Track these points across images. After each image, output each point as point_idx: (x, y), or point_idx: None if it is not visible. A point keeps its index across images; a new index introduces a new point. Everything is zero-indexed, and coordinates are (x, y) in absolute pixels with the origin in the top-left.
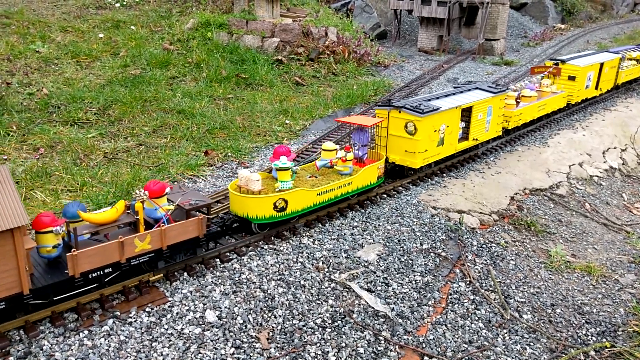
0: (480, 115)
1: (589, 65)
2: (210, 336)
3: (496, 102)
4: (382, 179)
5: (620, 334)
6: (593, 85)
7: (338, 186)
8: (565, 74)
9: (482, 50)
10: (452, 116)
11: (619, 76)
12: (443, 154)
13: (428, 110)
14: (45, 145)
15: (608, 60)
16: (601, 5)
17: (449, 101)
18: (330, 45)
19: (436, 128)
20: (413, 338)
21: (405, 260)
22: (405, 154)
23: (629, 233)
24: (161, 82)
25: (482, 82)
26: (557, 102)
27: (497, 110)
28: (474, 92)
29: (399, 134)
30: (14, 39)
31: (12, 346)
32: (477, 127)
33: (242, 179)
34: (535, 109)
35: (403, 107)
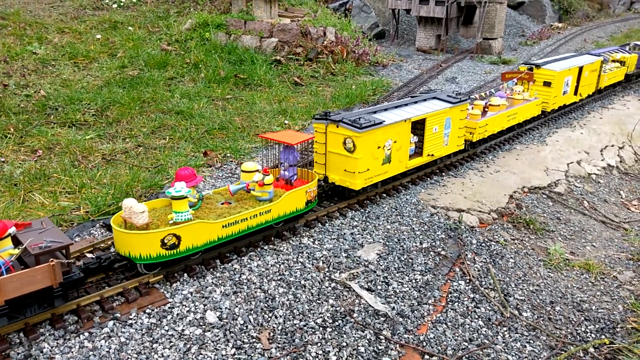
0: (435, 128)
1: (566, 69)
2: (211, 337)
3: (456, 113)
4: (313, 203)
5: (619, 331)
6: (572, 91)
7: (252, 215)
8: (540, 80)
9: (480, 49)
10: (401, 130)
11: (601, 80)
12: (391, 172)
13: (368, 125)
14: (43, 147)
15: (588, 64)
16: (598, 4)
17: (398, 113)
18: (328, 45)
19: (380, 144)
20: (413, 337)
21: (405, 259)
22: (344, 174)
23: (627, 230)
24: (159, 83)
25: (441, 92)
26: (530, 111)
27: (458, 121)
28: (430, 102)
29: (338, 151)
30: (11, 40)
31: (12, 349)
32: (432, 141)
33: (126, 210)
34: (504, 119)
35: (340, 121)
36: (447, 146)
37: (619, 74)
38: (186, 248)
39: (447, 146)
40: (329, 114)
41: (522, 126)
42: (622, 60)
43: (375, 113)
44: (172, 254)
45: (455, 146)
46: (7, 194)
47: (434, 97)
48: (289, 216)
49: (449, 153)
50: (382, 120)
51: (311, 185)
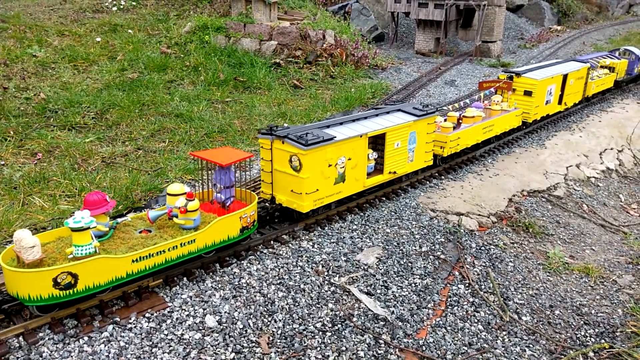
0: (397, 144)
1: (549, 77)
2: (210, 341)
3: (421, 126)
4: (251, 229)
5: (618, 335)
6: (555, 100)
7: (171, 247)
8: (521, 89)
9: (479, 52)
10: (356, 146)
11: (588, 88)
12: (345, 192)
13: (315, 141)
14: (43, 150)
15: (573, 71)
16: (596, 6)
17: (354, 128)
18: (328, 48)
19: (331, 162)
20: (413, 341)
21: (404, 263)
22: (292, 195)
23: (626, 234)
24: (159, 86)
25: (407, 104)
26: (509, 122)
27: (424, 136)
28: (393, 115)
29: (284, 170)
30: (11, 43)
31: (12, 353)
32: (394, 157)
33: (16, 243)
34: (478, 131)
35: (286, 136)
36: (412, 162)
37: (608, 81)
38: (86, 287)
39: (412, 162)
40: (275, 129)
41: (501, 138)
42: (611, 66)
43: (329, 128)
44: (67, 294)
45: (422, 162)
46: (6, 197)
47: (398, 110)
48: (219, 245)
49: (415, 170)
50: (333, 136)
51: (248, 209)
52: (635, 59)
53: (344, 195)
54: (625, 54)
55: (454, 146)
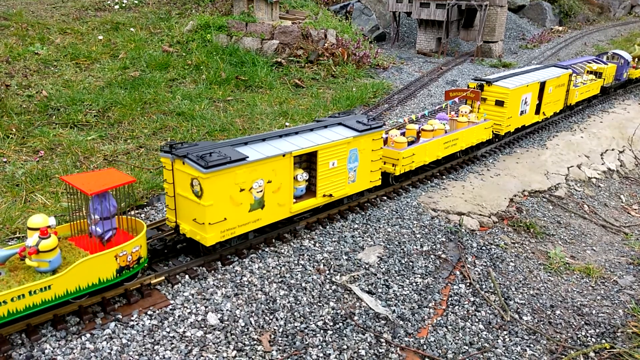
0: (333, 163)
1: (523, 86)
2: (212, 339)
3: (364, 142)
4: (135, 268)
5: (619, 335)
6: (532, 110)
7: (16, 296)
8: (492, 98)
9: (481, 52)
10: (278, 167)
11: (570, 95)
12: (266, 219)
13: (219, 163)
14: (45, 147)
15: (552, 78)
16: (598, 7)
17: (277, 145)
18: (329, 48)
19: (244, 186)
20: (414, 340)
21: (405, 262)
22: (195, 225)
23: (627, 234)
24: (161, 84)
25: (352, 117)
26: (477, 135)
27: (369, 153)
28: (331, 129)
29: (186, 195)
30: (13, 40)
31: (14, 350)
32: (330, 178)
33: None
34: (439, 147)
35: (186, 156)
36: (354, 183)
37: (594, 88)
38: None
39: (354, 183)
40: (176, 146)
41: (468, 153)
42: (598, 71)
43: (246, 145)
44: None
45: (367, 182)
46: (9, 194)
47: (339, 124)
48: (86, 291)
49: (359, 191)
50: (245, 156)
51: (128, 245)
52: (624, 63)
53: (264, 224)
54: (614, 58)
55: (407, 163)
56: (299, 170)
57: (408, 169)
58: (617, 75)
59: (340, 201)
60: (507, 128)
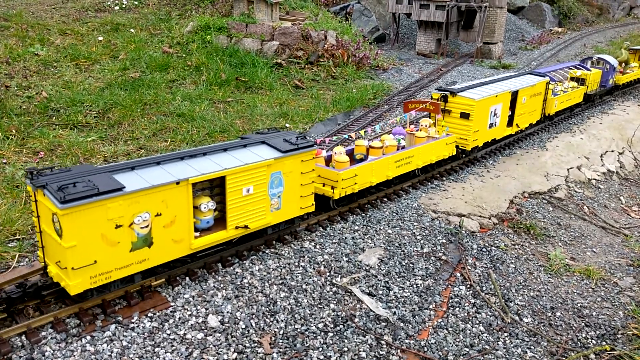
0: (248, 189)
1: (491, 96)
2: (212, 341)
3: (291, 164)
4: None
5: (619, 337)
6: (503, 122)
7: None
8: (457, 110)
9: (480, 53)
10: (171, 197)
11: (548, 105)
12: (155, 259)
13: (81, 196)
14: (45, 148)
15: (526, 87)
16: (597, 9)
17: (172, 170)
18: (329, 49)
19: (121, 222)
20: (415, 342)
21: (406, 264)
22: (59, 267)
23: (627, 236)
24: (161, 86)
25: (280, 134)
26: (437, 151)
27: (297, 176)
28: (250, 149)
29: (50, 232)
30: (13, 41)
31: (14, 352)
32: (244, 207)
33: None
34: (389, 166)
35: (45, 186)
36: (279, 211)
37: (576, 96)
38: None
39: (279, 211)
40: (41, 172)
41: (428, 171)
42: (581, 77)
43: (133, 170)
44: None
45: (296, 209)
46: (8, 195)
47: (262, 142)
48: None
49: (287, 219)
50: (120, 186)
51: None
52: (610, 69)
53: (153, 264)
54: (599, 64)
55: (348, 186)
56: (204, 199)
57: (350, 191)
58: (602, 82)
59: (264, 232)
60: (473, 143)
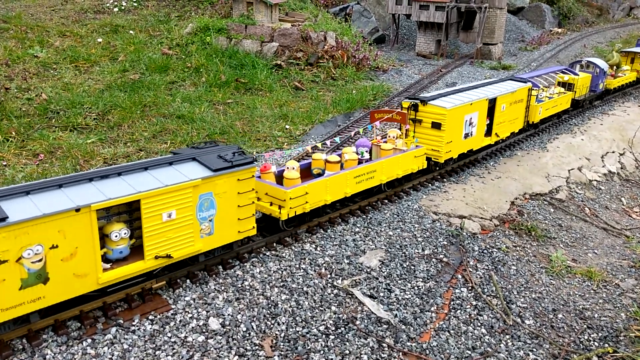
0: (169, 214)
1: (465, 104)
2: (213, 344)
3: (225, 184)
4: None
5: (622, 339)
6: (480, 132)
7: None
8: (428, 120)
9: (480, 54)
10: (69, 226)
11: (532, 112)
12: (53, 297)
13: None
14: (45, 150)
15: (505, 94)
16: (597, 9)
17: (74, 194)
18: (329, 50)
19: (7, 256)
20: (416, 345)
21: (407, 266)
22: None
23: (628, 237)
24: (160, 87)
25: (217, 148)
26: (404, 164)
27: (234, 197)
28: (176, 167)
29: None
30: (12, 43)
31: (15, 355)
32: (166, 234)
33: None
34: (346, 181)
35: None
36: (211, 236)
37: (563, 102)
38: None
39: (211, 236)
40: None
41: (393, 186)
42: (569, 82)
43: (28, 195)
44: None
45: (234, 233)
46: None
47: (192, 159)
48: None
49: (222, 244)
50: (2, 217)
51: None
52: (600, 73)
53: (51, 303)
54: (588, 67)
55: (298, 205)
56: (117, 226)
57: (300, 211)
58: (592, 86)
59: (195, 259)
60: (446, 155)
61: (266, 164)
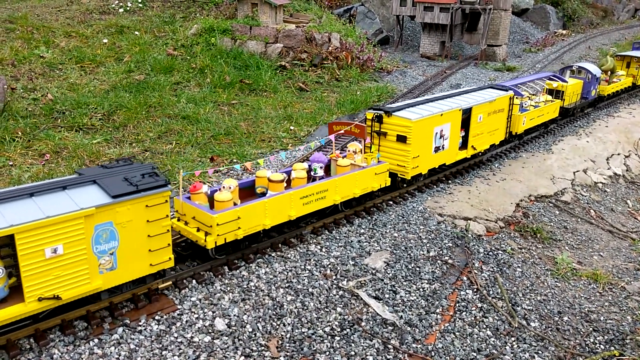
0: (55, 250)
1: (434, 115)
2: (219, 344)
3: (130, 212)
4: None
5: (628, 342)
6: (454, 145)
7: None
8: (393, 132)
9: (485, 56)
10: None
11: (514, 122)
12: None
13: None
14: (51, 151)
15: (482, 103)
16: (602, 11)
17: None
18: (333, 51)
19: None
20: (422, 346)
21: (412, 268)
22: None
23: (634, 240)
24: (165, 88)
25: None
26: (362, 183)
27: (143, 226)
28: (68, 193)
29: None
30: (18, 44)
31: (23, 355)
32: (53, 273)
33: None
34: (290, 203)
35: None
36: (115, 271)
37: (550, 111)
38: None
39: (115, 271)
40: None
41: (351, 206)
42: (558, 89)
43: None
44: None
45: (144, 267)
46: None
47: (93, 182)
48: None
49: (126, 281)
50: None
51: None
52: (592, 79)
53: None
54: (580, 73)
55: (229, 231)
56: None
57: (232, 237)
58: (583, 94)
59: (97, 297)
60: (414, 170)
61: (196, 183)
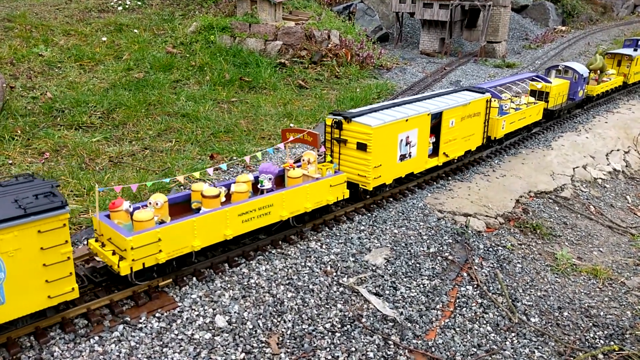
0: None
1: (398, 121)
2: (220, 341)
3: (17, 239)
4: None
5: (627, 337)
6: (423, 152)
7: None
8: (353, 140)
9: (484, 52)
10: None
11: (493, 127)
12: None
13: None
14: (50, 149)
15: (454, 107)
16: (601, 7)
17: None
18: (332, 48)
19: None
20: (422, 342)
21: (412, 264)
22: None
23: (634, 235)
24: (165, 86)
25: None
26: (315, 196)
27: (35, 254)
28: None
29: None
30: (17, 42)
31: (23, 352)
32: None
33: None
34: (226, 220)
35: None
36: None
37: (533, 113)
38: None
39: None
40: None
41: (303, 221)
42: (543, 90)
43: None
44: None
45: (41, 300)
46: None
47: None
48: None
49: (17, 317)
50: None
51: None
52: (579, 79)
53: None
54: (567, 73)
55: (146, 255)
56: None
57: (152, 262)
58: (570, 94)
59: None
60: (375, 181)
61: (117, 199)
